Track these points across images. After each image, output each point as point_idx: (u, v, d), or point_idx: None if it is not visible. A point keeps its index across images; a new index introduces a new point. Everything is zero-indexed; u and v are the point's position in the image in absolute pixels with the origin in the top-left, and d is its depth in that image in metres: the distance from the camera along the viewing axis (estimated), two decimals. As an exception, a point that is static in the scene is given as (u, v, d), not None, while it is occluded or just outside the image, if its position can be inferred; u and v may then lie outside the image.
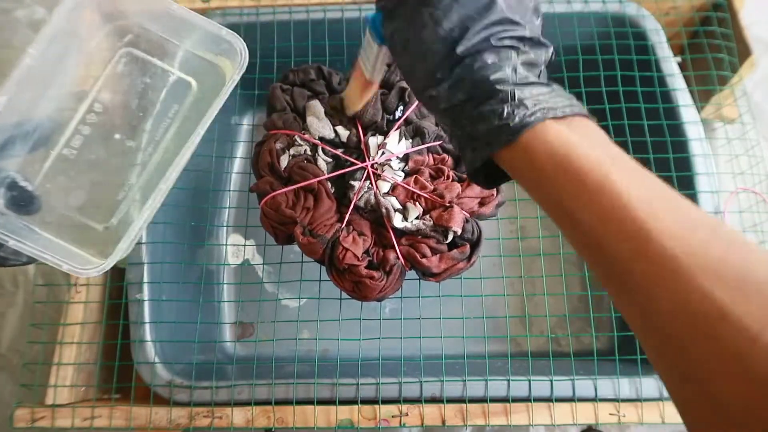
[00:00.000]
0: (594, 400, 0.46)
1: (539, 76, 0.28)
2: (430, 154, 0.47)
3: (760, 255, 0.21)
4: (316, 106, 0.47)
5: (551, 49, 0.29)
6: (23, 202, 0.37)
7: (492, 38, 0.27)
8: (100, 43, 0.41)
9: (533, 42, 0.28)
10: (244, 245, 0.64)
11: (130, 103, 0.41)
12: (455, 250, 0.43)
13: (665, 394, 0.47)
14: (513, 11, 0.27)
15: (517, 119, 0.26)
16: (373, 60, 0.33)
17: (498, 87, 0.26)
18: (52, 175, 0.39)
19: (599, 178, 0.24)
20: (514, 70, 0.27)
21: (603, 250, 0.23)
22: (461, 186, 0.45)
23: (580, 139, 0.25)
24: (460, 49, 0.27)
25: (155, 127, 0.41)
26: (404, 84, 0.47)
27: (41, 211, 0.38)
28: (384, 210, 0.44)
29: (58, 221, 0.39)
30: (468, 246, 0.44)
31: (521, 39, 0.27)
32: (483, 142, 0.27)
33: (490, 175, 0.30)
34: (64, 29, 0.39)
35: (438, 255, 0.43)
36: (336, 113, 0.47)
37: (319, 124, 0.47)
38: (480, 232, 0.44)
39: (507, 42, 0.27)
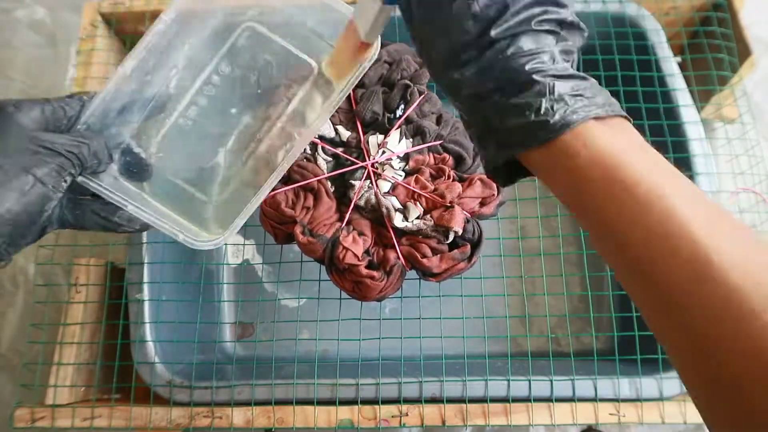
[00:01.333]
0: (594, 400, 0.46)
1: (573, 65, 0.26)
2: (431, 154, 0.47)
3: None
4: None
5: (586, 33, 0.26)
6: (136, 168, 0.37)
7: (533, 21, 0.24)
8: (224, 14, 0.40)
9: (571, 25, 0.25)
10: (244, 245, 0.64)
11: (248, 79, 0.40)
12: (456, 251, 0.43)
13: (665, 394, 0.47)
14: None
15: (557, 116, 0.23)
16: (372, 18, 0.30)
17: (535, 77, 0.23)
18: (165, 144, 0.39)
19: (650, 193, 0.22)
20: (553, 58, 0.24)
21: (654, 274, 0.22)
22: (462, 186, 0.45)
23: (626, 146, 0.23)
24: (495, 32, 0.24)
25: (272, 105, 0.40)
26: (406, 81, 0.47)
27: (152, 179, 0.38)
28: (384, 210, 0.44)
29: (167, 191, 0.38)
30: (468, 246, 0.44)
31: (560, 22, 0.25)
32: (512, 138, 0.24)
33: (509, 173, 0.27)
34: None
35: (438, 255, 0.43)
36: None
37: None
38: (481, 232, 0.44)
39: (546, 26, 0.24)
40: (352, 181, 0.46)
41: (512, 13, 0.24)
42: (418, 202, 0.44)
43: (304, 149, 0.47)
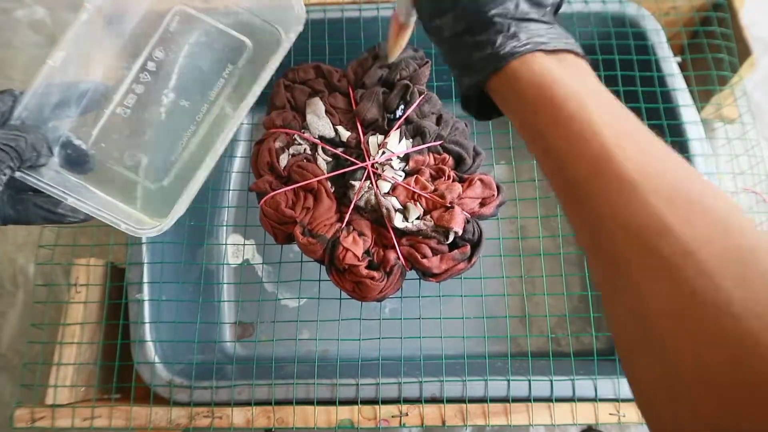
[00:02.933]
0: (594, 400, 0.46)
1: (543, 16, 0.29)
2: (431, 154, 0.47)
3: (716, 189, 0.23)
4: (317, 104, 0.47)
5: None
6: (78, 160, 0.37)
7: None
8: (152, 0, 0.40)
9: None
10: (244, 245, 0.64)
11: (183, 63, 0.40)
12: (456, 251, 0.43)
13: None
14: None
15: (507, 48, 0.27)
16: (406, 5, 0.35)
17: (496, 20, 0.28)
18: (105, 134, 0.39)
19: (575, 107, 0.25)
20: (516, 5, 0.28)
21: (565, 171, 0.25)
22: (462, 186, 0.45)
23: (564, 71, 0.27)
24: None
25: (209, 87, 0.40)
26: (406, 82, 0.47)
27: (95, 170, 0.38)
28: (384, 210, 0.44)
29: (111, 180, 0.38)
30: (468, 246, 0.44)
31: None
32: (477, 69, 0.29)
33: (482, 109, 0.32)
34: None
35: (439, 255, 0.43)
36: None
37: (319, 123, 0.47)
38: (481, 232, 0.44)
39: None
40: (352, 182, 0.46)
41: None
42: (418, 203, 0.44)
43: (304, 149, 0.47)
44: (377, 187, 0.45)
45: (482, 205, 0.45)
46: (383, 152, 0.46)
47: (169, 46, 0.40)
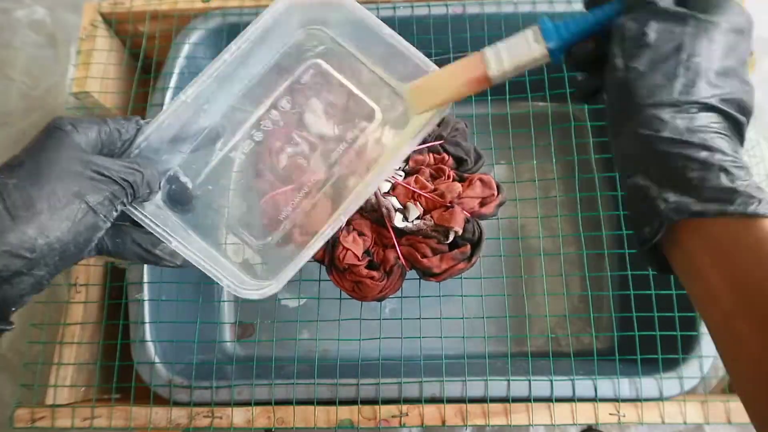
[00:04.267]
0: (594, 400, 0.46)
1: None
2: (431, 154, 0.47)
3: None
4: (315, 104, 0.47)
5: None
6: (180, 198, 0.35)
7: (737, 106, 0.26)
8: (290, 47, 0.38)
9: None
10: (244, 245, 0.64)
11: (308, 118, 0.38)
12: (456, 251, 0.43)
13: (665, 394, 0.47)
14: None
15: (765, 194, 0.24)
16: (519, 62, 0.29)
17: (740, 156, 0.25)
18: (215, 177, 0.37)
19: None
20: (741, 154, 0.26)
21: None
22: (462, 186, 0.45)
23: None
24: (718, 104, 0.26)
25: (330, 148, 0.37)
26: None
27: (195, 212, 0.36)
28: (384, 210, 0.44)
29: (211, 227, 0.36)
30: (469, 246, 0.44)
31: (749, 115, 0.27)
32: (709, 198, 0.24)
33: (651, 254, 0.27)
34: (267, 29, 0.35)
35: (439, 255, 0.43)
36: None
37: (319, 123, 0.47)
38: (481, 232, 0.44)
39: (742, 119, 0.27)
40: (352, 181, 0.46)
41: (735, 89, 0.26)
42: (418, 202, 0.44)
43: (304, 149, 0.47)
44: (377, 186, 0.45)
45: (482, 204, 0.45)
46: (383, 152, 0.46)
47: (296, 98, 0.38)
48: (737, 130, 0.26)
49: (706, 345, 0.48)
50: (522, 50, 0.29)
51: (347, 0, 0.36)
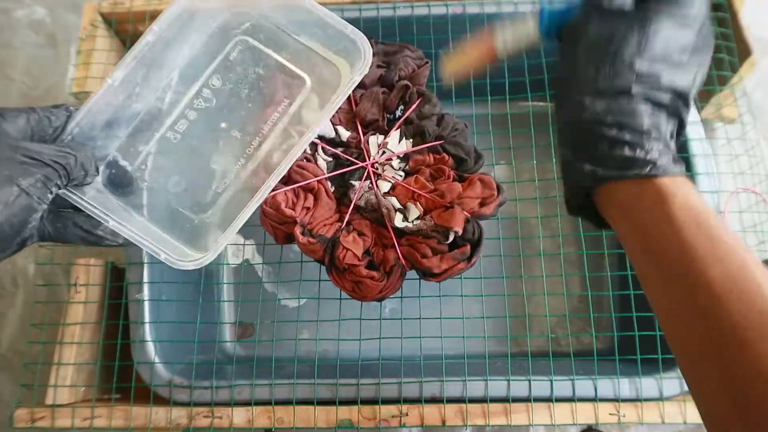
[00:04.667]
0: (594, 400, 0.46)
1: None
2: (431, 154, 0.47)
3: None
4: (312, 101, 0.47)
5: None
6: (121, 181, 0.36)
7: (667, 92, 0.29)
8: (217, 27, 0.39)
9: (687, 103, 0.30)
10: (244, 245, 0.64)
11: (240, 93, 0.39)
12: (456, 251, 0.43)
13: (665, 393, 0.47)
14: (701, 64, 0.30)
15: (663, 161, 0.28)
16: (518, 40, 0.35)
17: (652, 132, 0.28)
18: (152, 157, 0.38)
19: (733, 246, 0.25)
20: (668, 131, 0.29)
21: (718, 312, 0.24)
22: (462, 186, 0.45)
23: (707, 204, 0.27)
24: (636, 90, 0.29)
25: (263, 120, 0.39)
26: (405, 82, 0.47)
27: (137, 193, 0.37)
28: (384, 210, 0.44)
29: (152, 206, 0.37)
30: (469, 246, 0.44)
31: (685, 98, 0.30)
32: (612, 165, 0.28)
33: (579, 207, 0.32)
34: (187, 8, 0.37)
35: (439, 255, 0.43)
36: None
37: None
38: (481, 232, 0.44)
39: (673, 103, 0.29)
40: (352, 182, 0.46)
41: (665, 80, 0.29)
42: (418, 202, 0.44)
43: (305, 150, 0.47)
44: (377, 186, 0.45)
45: (482, 204, 0.45)
46: (383, 152, 0.46)
47: (227, 74, 0.39)
48: (666, 110, 0.29)
49: (706, 345, 0.48)
50: (523, 32, 0.35)
51: None
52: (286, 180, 0.46)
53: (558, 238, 0.55)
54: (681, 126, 0.30)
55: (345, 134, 0.47)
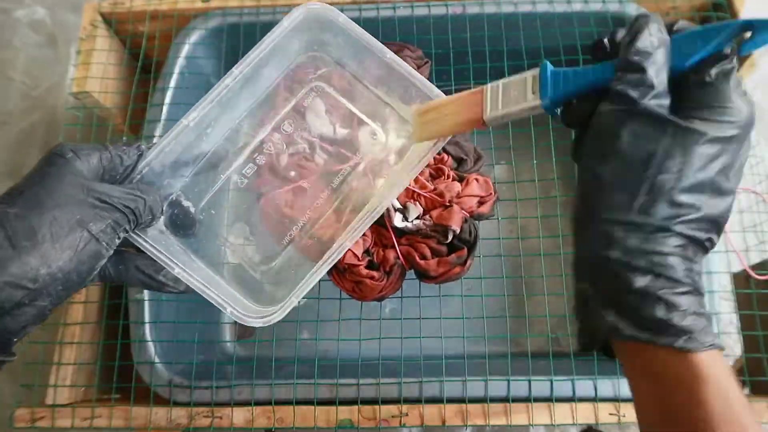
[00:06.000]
0: (594, 400, 0.46)
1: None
2: (430, 154, 0.47)
3: None
4: (316, 104, 0.47)
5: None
6: (183, 223, 0.35)
7: (706, 223, 0.25)
8: (292, 70, 0.37)
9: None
10: (244, 245, 0.64)
11: (311, 142, 0.38)
12: (453, 255, 0.43)
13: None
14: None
15: (699, 325, 0.24)
16: (511, 109, 0.28)
17: (686, 283, 0.24)
18: (217, 200, 0.36)
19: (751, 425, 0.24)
20: (700, 272, 0.25)
21: None
22: (461, 185, 0.45)
23: (731, 376, 0.25)
24: (677, 227, 0.24)
25: (334, 171, 0.37)
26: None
27: (199, 237, 0.35)
28: (384, 209, 0.44)
29: (214, 252, 0.36)
30: (465, 250, 0.43)
31: (720, 227, 0.26)
32: (641, 326, 0.24)
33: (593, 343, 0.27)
34: (271, 52, 0.35)
35: (436, 259, 0.43)
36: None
37: (319, 122, 0.47)
38: (477, 233, 0.44)
39: (709, 235, 0.25)
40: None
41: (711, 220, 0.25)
42: (417, 202, 0.44)
43: (304, 148, 0.47)
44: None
45: (480, 203, 0.45)
46: (383, 152, 0.46)
47: (300, 121, 0.38)
48: (700, 246, 0.25)
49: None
50: (518, 98, 0.28)
51: (348, 23, 0.35)
52: (285, 180, 0.46)
53: (558, 238, 0.54)
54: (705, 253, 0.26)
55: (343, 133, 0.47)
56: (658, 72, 0.24)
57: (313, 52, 0.38)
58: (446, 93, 0.53)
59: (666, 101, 0.25)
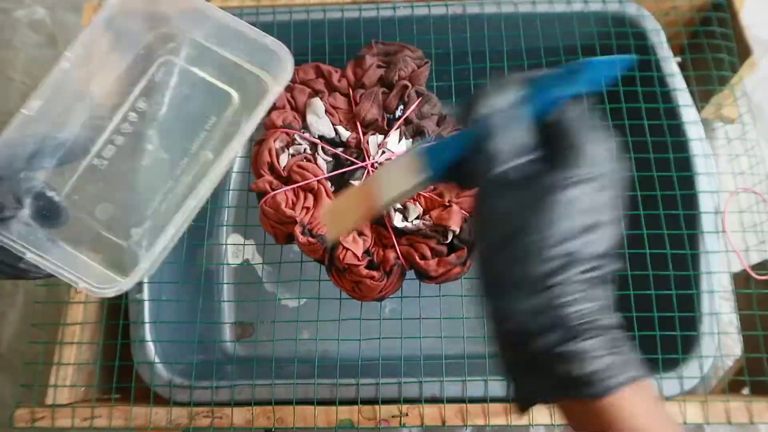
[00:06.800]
0: (594, 400, 0.46)
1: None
2: (430, 154, 0.47)
3: None
4: (317, 104, 0.47)
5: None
6: (49, 213, 0.35)
7: (592, 261, 0.24)
8: (141, 49, 0.39)
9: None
10: (244, 245, 0.64)
11: (165, 114, 0.39)
12: (453, 255, 0.43)
13: (665, 393, 0.47)
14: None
15: (602, 365, 0.23)
16: (401, 190, 0.29)
17: (584, 326, 0.24)
18: (80, 186, 0.38)
19: None
20: (604, 303, 0.25)
21: None
22: (461, 186, 0.45)
23: (653, 409, 0.25)
24: (557, 278, 0.24)
25: (190, 139, 0.39)
26: (405, 82, 0.47)
27: (68, 223, 0.36)
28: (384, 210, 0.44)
29: (83, 235, 0.37)
30: (465, 250, 0.44)
31: (611, 256, 0.25)
32: (552, 386, 0.25)
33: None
34: (104, 33, 0.36)
35: (436, 259, 0.43)
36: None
37: (319, 123, 0.47)
38: (480, 232, 0.44)
39: (602, 268, 0.25)
40: (352, 182, 0.46)
41: (607, 263, 0.24)
42: (417, 202, 0.44)
43: (304, 149, 0.47)
44: (377, 187, 0.45)
45: (482, 205, 0.45)
46: (383, 152, 0.46)
47: (152, 96, 0.39)
48: (599, 280, 0.25)
49: (706, 345, 0.48)
50: (406, 178, 0.29)
51: None
52: (286, 180, 0.46)
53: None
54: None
55: (345, 134, 0.47)
56: (501, 138, 0.24)
57: (159, 30, 0.40)
58: (446, 92, 0.53)
59: (524, 158, 0.25)
